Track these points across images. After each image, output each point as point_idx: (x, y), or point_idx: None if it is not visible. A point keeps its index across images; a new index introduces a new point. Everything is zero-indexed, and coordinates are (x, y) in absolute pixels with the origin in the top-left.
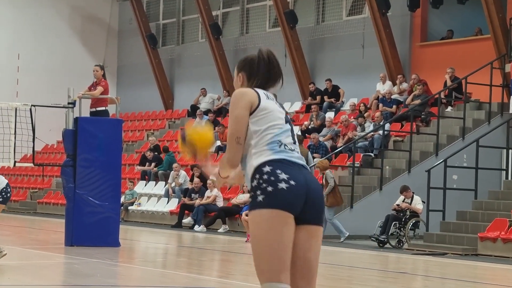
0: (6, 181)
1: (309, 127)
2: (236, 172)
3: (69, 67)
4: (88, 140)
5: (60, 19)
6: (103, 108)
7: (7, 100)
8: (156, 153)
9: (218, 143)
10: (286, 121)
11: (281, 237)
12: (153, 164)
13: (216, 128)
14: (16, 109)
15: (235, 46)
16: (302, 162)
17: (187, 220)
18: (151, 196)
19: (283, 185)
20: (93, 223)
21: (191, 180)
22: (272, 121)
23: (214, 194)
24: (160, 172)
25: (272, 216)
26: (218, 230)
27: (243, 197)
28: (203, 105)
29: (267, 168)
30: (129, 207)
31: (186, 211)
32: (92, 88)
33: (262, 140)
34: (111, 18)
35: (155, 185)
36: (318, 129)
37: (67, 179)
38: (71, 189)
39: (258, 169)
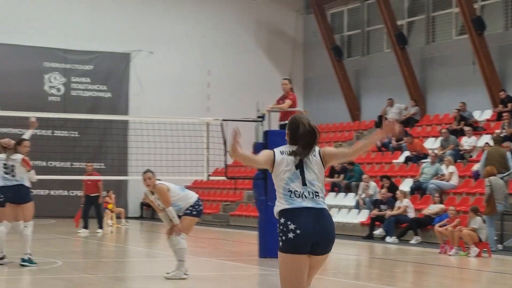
0: (197, 195)
1: (501, 135)
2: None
3: (257, 81)
4: None
5: (246, 35)
6: None
7: (199, 116)
8: (344, 164)
9: (407, 153)
10: (297, 167)
11: (290, 272)
12: (341, 175)
13: (405, 138)
14: (208, 124)
15: (421, 55)
16: (311, 204)
17: (379, 231)
18: (341, 208)
19: (291, 235)
20: None
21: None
22: (283, 172)
23: (404, 205)
24: (353, 183)
25: (285, 259)
26: (410, 241)
27: (434, 208)
28: (391, 115)
29: (282, 220)
30: None
31: (377, 222)
32: (281, 101)
33: (280, 188)
34: (296, 31)
35: (345, 196)
36: (510, 137)
37: (258, 191)
38: (263, 201)
39: (278, 218)
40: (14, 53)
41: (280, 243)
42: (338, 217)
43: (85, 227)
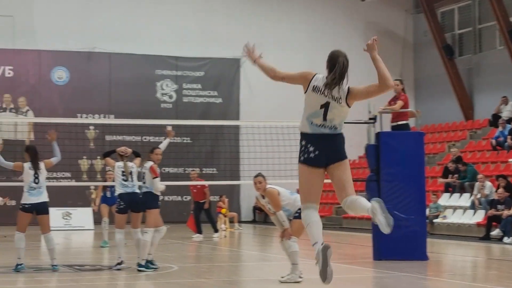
0: None
1: None
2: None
3: (367, 82)
4: (390, 154)
5: (355, 36)
6: (404, 122)
7: None
8: (458, 164)
9: None
10: (321, 106)
11: (308, 180)
12: (455, 176)
13: None
14: None
15: None
16: (327, 131)
17: (496, 232)
18: (456, 209)
19: (311, 155)
20: (400, 237)
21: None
22: (309, 105)
23: None
24: (466, 183)
25: (305, 169)
26: None
27: None
28: (505, 113)
29: (303, 142)
30: (434, 220)
31: (493, 223)
32: (392, 102)
33: (305, 113)
34: (406, 31)
35: (460, 197)
36: None
37: (371, 193)
38: None
39: (301, 138)
40: (127, 62)
41: (301, 158)
42: (453, 218)
43: (199, 232)
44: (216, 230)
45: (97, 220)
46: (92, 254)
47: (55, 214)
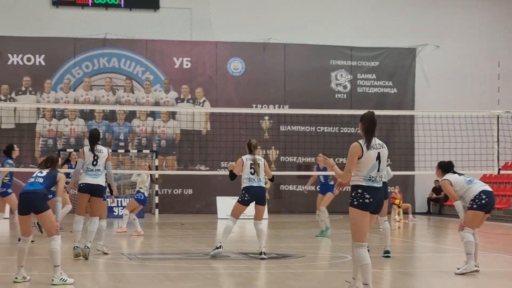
0: (482, 188)
1: None
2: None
3: None
4: None
5: None
6: None
7: (488, 108)
8: None
9: None
10: (377, 159)
11: (361, 223)
12: None
13: None
14: (498, 116)
15: None
16: (379, 185)
17: None
18: None
19: (367, 201)
20: None
21: None
22: (368, 163)
23: None
24: None
25: (358, 213)
26: None
27: None
28: None
29: (359, 190)
30: None
31: None
32: None
33: (362, 173)
34: None
35: None
36: None
37: None
38: None
39: (355, 188)
40: (302, 52)
41: (356, 203)
42: None
43: None
44: None
45: (271, 209)
46: (267, 243)
47: (231, 203)
